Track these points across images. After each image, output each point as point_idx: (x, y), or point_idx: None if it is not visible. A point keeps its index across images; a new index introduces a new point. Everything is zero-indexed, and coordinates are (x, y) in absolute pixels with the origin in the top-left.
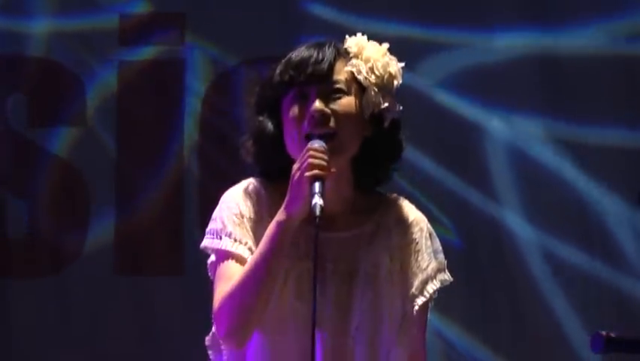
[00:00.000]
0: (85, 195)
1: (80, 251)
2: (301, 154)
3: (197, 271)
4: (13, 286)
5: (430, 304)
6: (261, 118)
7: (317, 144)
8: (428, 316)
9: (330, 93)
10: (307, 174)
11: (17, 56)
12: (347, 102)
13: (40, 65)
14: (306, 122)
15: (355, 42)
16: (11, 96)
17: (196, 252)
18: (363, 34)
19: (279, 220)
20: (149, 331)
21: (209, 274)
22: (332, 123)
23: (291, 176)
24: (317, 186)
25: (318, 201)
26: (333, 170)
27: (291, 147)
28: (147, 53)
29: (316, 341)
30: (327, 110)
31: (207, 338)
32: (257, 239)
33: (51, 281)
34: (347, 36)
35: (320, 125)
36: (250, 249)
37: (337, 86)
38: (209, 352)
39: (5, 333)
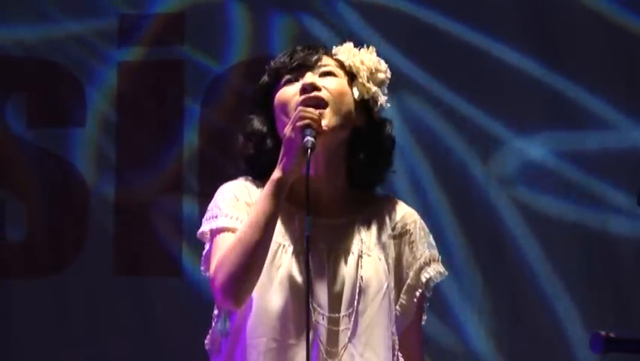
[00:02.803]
0: (84, 196)
1: (80, 251)
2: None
3: (196, 272)
4: (13, 286)
5: (425, 304)
6: (251, 116)
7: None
8: (424, 316)
9: (321, 75)
10: (299, 123)
11: (17, 57)
12: (338, 81)
13: (40, 66)
14: (297, 97)
15: (343, 46)
16: (11, 96)
17: (195, 253)
18: None
19: (274, 178)
20: (148, 331)
21: (202, 268)
22: (324, 95)
23: (283, 135)
24: (309, 131)
25: (310, 138)
26: (325, 127)
27: (283, 129)
28: (147, 53)
29: (311, 314)
30: (318, 84)
31: (206, 341)
32: None
33: (51, 281)
34: (334, 46)
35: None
36: None
37: (327, 69)
38: (209, 352)
39: (5, 333)
